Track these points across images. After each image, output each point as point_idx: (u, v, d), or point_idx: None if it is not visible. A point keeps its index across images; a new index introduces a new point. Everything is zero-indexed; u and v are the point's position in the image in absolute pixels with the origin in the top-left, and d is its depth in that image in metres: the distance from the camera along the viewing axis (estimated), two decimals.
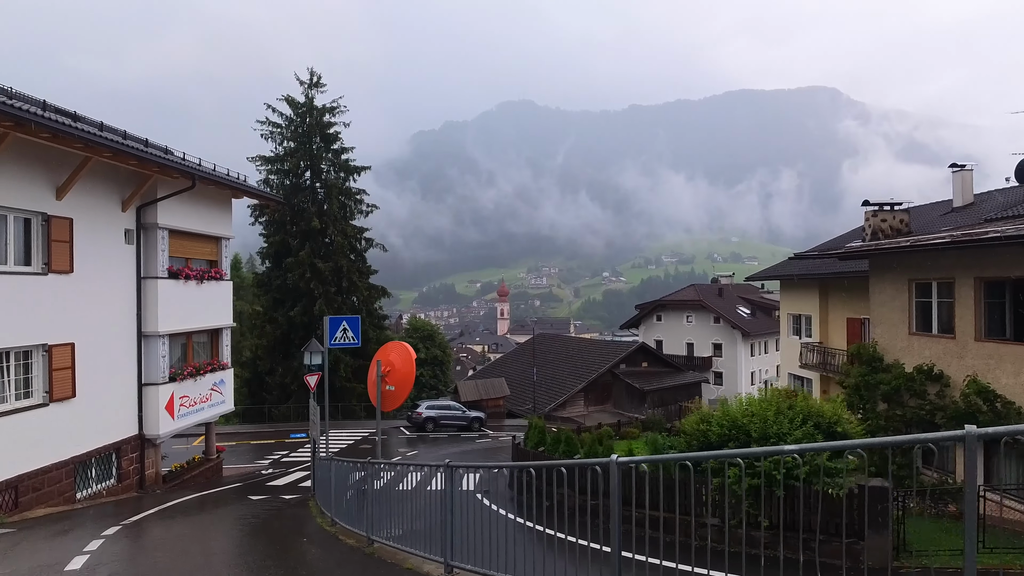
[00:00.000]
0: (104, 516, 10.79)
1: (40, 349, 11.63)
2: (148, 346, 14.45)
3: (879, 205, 23.13)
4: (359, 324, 11.05)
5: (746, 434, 9.20)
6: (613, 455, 4.06)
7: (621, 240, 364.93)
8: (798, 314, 26.35)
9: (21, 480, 10.94)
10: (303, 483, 16.95)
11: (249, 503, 12.47)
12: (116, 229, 13.75)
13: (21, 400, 11.24)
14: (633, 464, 4.19)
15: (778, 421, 9.08)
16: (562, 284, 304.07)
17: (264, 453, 24.23)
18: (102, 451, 13.17)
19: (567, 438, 13.95)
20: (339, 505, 8.09)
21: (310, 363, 14.07)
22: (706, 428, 9.84)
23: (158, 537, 8.32)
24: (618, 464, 4.00)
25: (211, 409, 16.69)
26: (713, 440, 9.52)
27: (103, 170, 13.01)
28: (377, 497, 6.30)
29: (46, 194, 11.66)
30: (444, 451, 26.36)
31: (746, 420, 9.30)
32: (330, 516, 8.51)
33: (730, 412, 9.66)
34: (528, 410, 42.28)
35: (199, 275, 15.98)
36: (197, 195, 15.97)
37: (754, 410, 9.48)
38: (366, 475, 6.22)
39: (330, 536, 7.59)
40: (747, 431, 9.20)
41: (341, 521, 7.93)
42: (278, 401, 36.92)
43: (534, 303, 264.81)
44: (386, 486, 6.37)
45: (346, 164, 40.15)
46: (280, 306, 37.88)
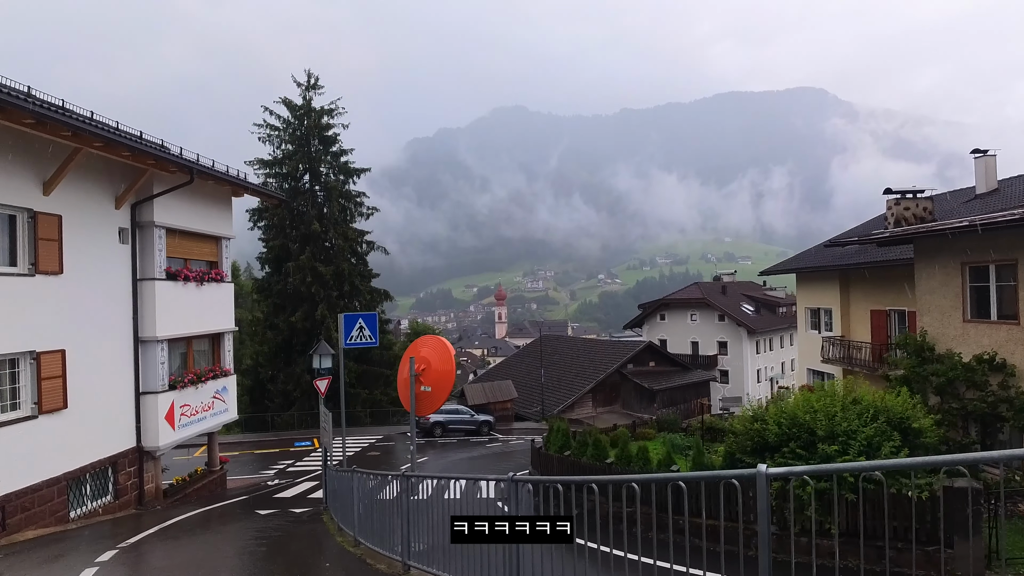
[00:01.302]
0: (100, 538, 9.87)
1: (27, 357, 10.72)
2: (146, 352, 13.54)
3: (901, 193, 22.37)
4: (376, 322, 10.18)
5: (809, 432, 8.35)
6: (761, 465, 3.12)
7: (616, 242, 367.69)
8: (816, 308, 25.55)
9: (8, 500, 10.01)
10: (312, 494, 16.05)
11: (258, 519, 11.57)
12: (110, 227, 12.86)
13: (7, 412, 10.33)
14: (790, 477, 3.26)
15: (846, 417, 8.24)
16: (558, 287, 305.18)
17: (269, 463, 23.29)
18: (97, 466, 12.25)
19: (595, 441, 13.07)
20: (364, 522, 7.20)
21: (319, 367, 13.17)
22: (761, 427, 8.98)
23: (159, 563, 7.41)
24: (769, 477, 3.08)
25: (213, 418, 15.78)
26: (771, 440, 8.67)
27: (94, 164, 12.14)
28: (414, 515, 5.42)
29: (32, 189, 10.78)
30: (455, 456, 25.47)
31: (808, 417, 8.46)
32: (352, 535, 7.62)
33: (788, 409, 8.80)
34: (536, 412, 41.40)
35: (199, 276, 15.09)
36: (196, 192, 15.10)
37: (816, 405, 8.63)
38: (402, 490, 5.37)
39: (355, 559, 6.71)
40: (810, 429, 8.36)
41: (366, 540, 7.05)
42: (280, 409, 35.99)
43: (531, 306, 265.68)
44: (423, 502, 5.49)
45: (345, 166, 39.36)
46: (281, 312, 36.99)
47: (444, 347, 6.14)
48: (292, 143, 38.57)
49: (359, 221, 40.12)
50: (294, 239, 37.32)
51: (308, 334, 36.23)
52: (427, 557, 5.39)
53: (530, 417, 41.14)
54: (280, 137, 38.87)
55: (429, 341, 6.40)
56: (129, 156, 11.98)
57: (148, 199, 13.50)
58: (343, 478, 8.79)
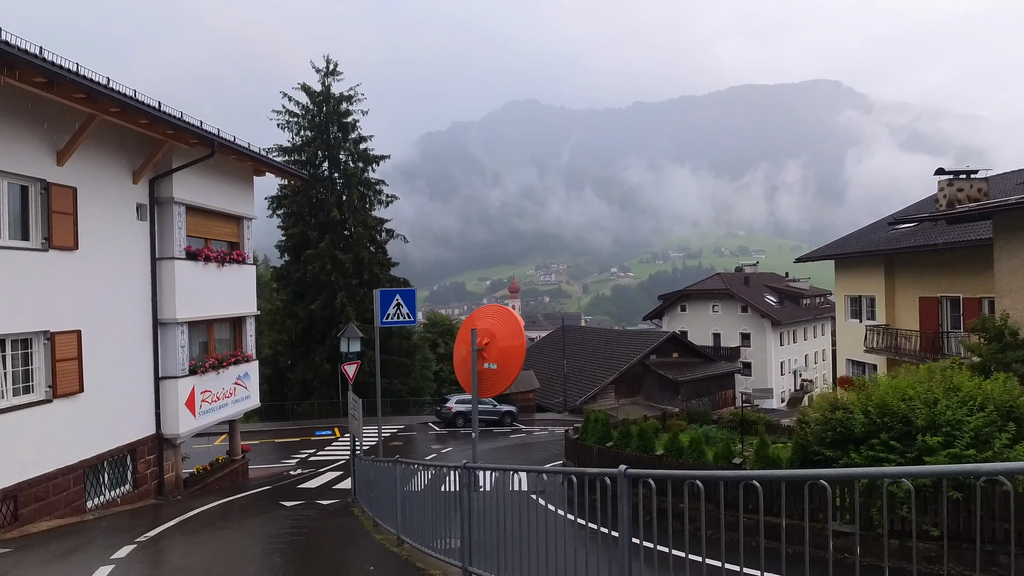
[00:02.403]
0: (117, 530, 9.22)
1: (41, 337, 10.07)
2: (165, 335, 12.89)
3: (954, 173, 21.15)
4: (415, 298, 9.35)
5: (904, 422, 7.43)
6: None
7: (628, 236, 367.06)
8: (857, 295, 24.37)
9: (21, 489, 9.39)
10: (337, 485, 15.39)
11: (284, 511, 10.87)
12: (127, 203, 12.18)
13: (20, 396, 9.69)
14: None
15: (949, 406, 7.30)
16: (570, 280, 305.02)
17: (290, 452, 22.74)
18: (115, 453, 11.63)
19: (640, 431, 12.20)
20: (409, 519, 6.37)
21: (348, 351, 12.42)
22: (844, 416, 8.06)
23: (179, 562, 6.67)
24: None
25: (235, 405, 15.14)
26: (857, 431, 7.75)
27: (110, 134, 11.44)
28: (479, 516, 4.58)
29: (45, 158, 10.09)
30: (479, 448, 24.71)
31: (903, 405, 7.53)
32: (393, 532, 6.85)
33: (876, 396, 7.86)
34: (558, 403, 40.65)
35: (220, 257, 14.41)
36: (216, 169, 14.41)
37: (910, 392, 7.69)
38: (464, 484, 4.55)
39: (401, 562, 5.90)
40: (905, 418, 7.43)
41: (411, 540, 6.25)
42: (300, 398, 35.59)
43: (543, 299, 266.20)
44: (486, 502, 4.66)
45: (365, 153, 38.66)
46: (300, 300, 36.53)
47: (511, 318, 5.19)
48: (311, 130, 37.95)
49: (378, 209, 39.49)
50: (313, 227, 36.79)
51: (327, 323, 35.78)
52: (491, 562, 4.57)
53: (552, 408, 40.39)
54: (299, 124, 38.28)
55: (492, 311, 5.45)
56: (147, 125, 11.27)
57: (167, 174, 12.81)
58: (381, 469, 8.01)
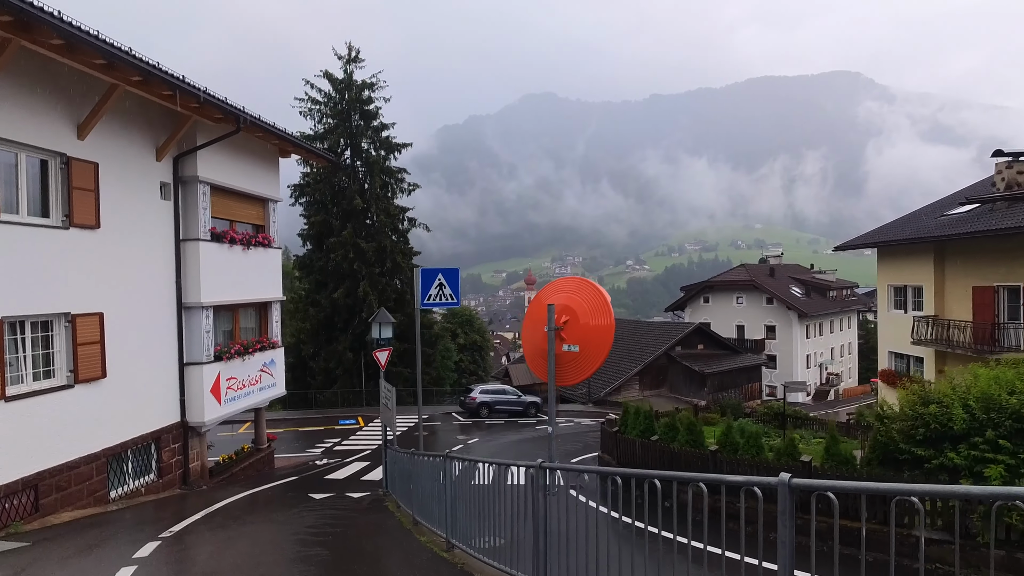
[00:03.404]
0: (141, 523, 8.72)
1: (62, 319, 9.59)
2: (190, 319, 12.39)
3: (1014, 155, 19.96)
4: (458, 278, 8.68)
5: (1015, 418, 6.61)
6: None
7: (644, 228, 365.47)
8: (902, 285, 23.25)
9: (42, 478, 8.93)
10: (366, 476, 14.87)
11: (314, 505, 10.32)
12: (151, 181, 11.65)
13: (40, 381, 9.22)
14: None
15: None
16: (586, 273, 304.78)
17: (314, 441, 22.33)
18: (139, 441, 11.17)
19: (689, 425, 11.43)
20: (461, 522, 5.65)
21: (379, 336, 11.80)
22: (938, 411, 7.24)
23: (207, 563, 6.06)
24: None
25: (261, 393, 14.65)
26: (958, 428, 6.94)
27: (133, 108, 10.90)
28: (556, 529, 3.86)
29: (65, 131, 9.56)
30: (505, 439, 24.18)
31: (1013, 400, 6.70)
32: (441, 535, 6.18)
33: (978, 388, 7.03)
34: (582, 395, 39.92)
35: (245, 240, 13.87)
36: (241, 148, 13.85)
37: (1019, 384, 6.85)
38: (538, 486, 3.85)
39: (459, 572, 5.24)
40: (1017, 414, 6.61)
41: (465, 546, 5.55)
42: (322, 386, 35.33)
43: None
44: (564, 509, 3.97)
45: (387, 141, 38.09)
46: (323, 288, 36.21)
47: (595, 292, 4.33)
48: (333, 117, 37.45)
49: (400, 197, 38.96)
50: (336, 215, 36.41)
51: (350, 311, 35.44)
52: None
53: (575, 399, 39.68)
54: (321, 111, 37.80)
55: (571, 284, 4.61)
56: (170, 97, 10.69)
57: (191, 151, 12.26)
58: (424, 463, 7.35)
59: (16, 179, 8.93)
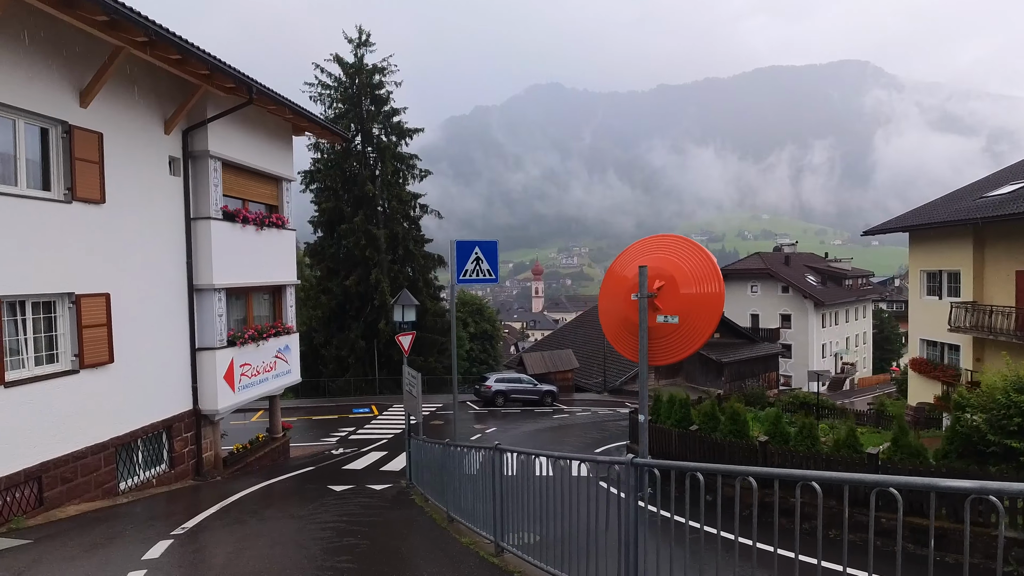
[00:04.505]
0: (151, 518, 8.11)
1: (66, 300, 8.95)
2: (201, 302, 11.75)
3: None
4: (497, 252, 7.93)
5: None
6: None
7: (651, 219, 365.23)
8: (936, 270, 22.32)
9: (46, 469, 8.33)
10: (384, 467, 14.27)
11: (336, 498, 9.68)
12: (159, 155, 10.97)
13: (43, 366, 8.60)
14: None
15: None
16: (592, 263, 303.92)
17: (328, 430, 21.78)
18: (149, 430, 10.56)
19: (732, 414, 10.71)
20: (515, 525, 4.95)
21: (402, 320, 11.12)
22: None
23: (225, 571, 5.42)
24: None
25: (276, 380, 14.03)
26: None
27: (139, 75, 10.21)
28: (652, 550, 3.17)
29: (67, 98, 8.87)
30: (522, 428, 23.54)
31: None
32: (487, 537, 5.47)
33: None
34: (597, 384, 39.27)
35: (258, 219, 13.19)
36: (254, 123, 13.15)
37: None
38: (630, 486, 3.17)
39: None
40: None
41: (524, 553, 4.82)
42: (334, 375, 34.82)
43: (565, 282, 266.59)
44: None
45: (398, 126, 37.32)
46: (334, 276, 35.63)
47: (698, 253, 3.55)
48: (344, 102, 36.66)
49: (412, 184, 38.23)
50: (347, 202, 35.76)
51: (362, 299, 34.88)
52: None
53: (590, 388, 39.03)
54: (332, 96, 37.01)
55: (667, 242, 3.72)
56: (178, 63, 9.99)
57: (201, 124, 11.57)
58: (462, 457, 6.62)
59: (15, 148, 8.27)
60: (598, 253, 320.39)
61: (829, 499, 8.16)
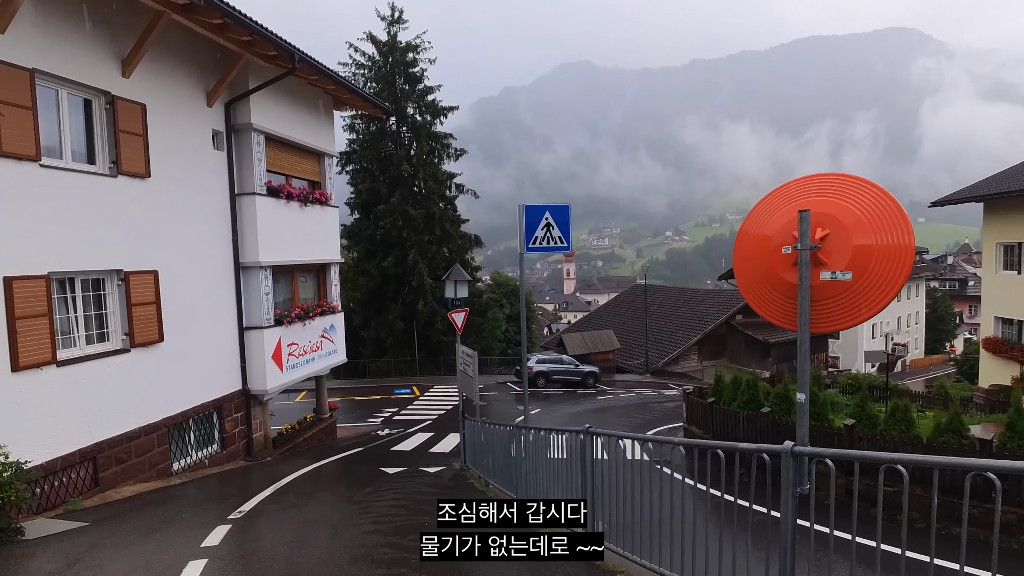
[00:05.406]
0: (206, 501, 7.85)
1: (114, 277, 8.69)
2: (248, 280, 11.46)
3: None
4: (568, 217, 7.29)
5: None
6: None
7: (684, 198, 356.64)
8: (1016, 242, 20.80)
9: (100, 449, 8.13)
10: (432, 448, 13.94)
11: (391, 482, 9.33)
12: (202, 128, 10.63)
13: (94, 344, 8.37)
14: None
15: None
16: (624, 244, 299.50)
17: (372, 411, 21.65)
18: (200, 410, 10.36)
19: (811, 396, 9.93)
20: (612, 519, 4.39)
21: (455, 296, 10.63)
22: None
23: (291, 563, 5.00)
24: None
25: (322, 360, 13.77)
26: None
27: (180, 43, 9.82)
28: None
29: (109, 67, 8.52)
30: (565, 410, 23.05)
31: None
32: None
33: None
34: (638, 365, 38.53)
35: (302, 196, 12.83)
36: (294, 96, 12.73)
37: None
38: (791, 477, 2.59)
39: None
40: None
41: (625, 550, 4.27)
42: (373, 356, 34.88)
43: (596, 263, 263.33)
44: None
45: (433, 105, 36.73)
46: (372, 257, 35.53)
47: (878, 196, 2.86)
48: (377, 82, 36.16)
49: (447, 163, 37.68)
50: (383, 182, 35.46)
51: (399, 280, 34.72)
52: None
53: (632, 369, 38.30)
54: (365, 76, 36.54)
55: (832, 183, 3.04)
56: (219, 29, 9.56)
57: (243, 96, 11.18)
58: (540, 441, 6.05)
59: (59, 121, 7.96)
60: (629, 234, 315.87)
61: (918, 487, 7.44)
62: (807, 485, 2.87)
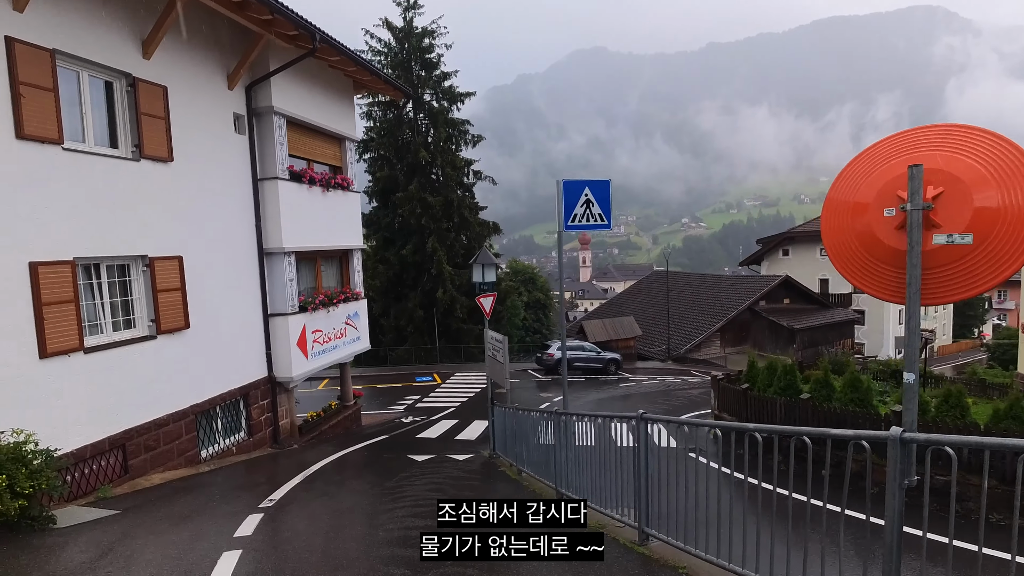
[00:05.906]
0: (236, 488, 7.73)
1: (139, 263, 8.56)
2: (272, 266, 11.31)
3: None
4: (609, 194, 6.98)
5: None
6: None
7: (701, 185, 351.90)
8: None
9: (129, 437, 8.04)
10: (458, 436, 13.78)
11: (420, 469, 9.16)
12: (223, 111, 10.44)
13: (120, 331, 8.26)
14: None
15: None
16: (640, 232, 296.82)
17: (395, 398, 21.59)
18: (227, 397, 10.26)
19: (852, 382, 9.56)
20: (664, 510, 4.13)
21: (483, 280, 10.39)
22: None
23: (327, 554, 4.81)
24: None
25: (346, 347, 13.63)
26: None
27: (200, 24, 9.61)
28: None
29: (129, 48, 8.33)
30: (588, 397, 22.78)
31: None
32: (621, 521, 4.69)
33: None
34: (660, 352, 38.10)
35: (324, 180, 12.62)
36: (315, 79, 12.48)
37: None
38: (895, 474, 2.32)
39: None
40: None
41: (688, 545, 4.00)
42: (393, 344, 34.86)
43: (612, 251, 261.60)
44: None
45: (450, 91, 36.37)
46: (391, 245, 35.44)
47: (1003, 147, 2.49)
48: (394, 68, 35.83)
49: (465, 149, 37.34)
50: (401, 170, 35.26)
51: (418, 268, 34.61)
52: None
53: (653, 356, 37.89)
54: (381, 62, 36.18)
55: (945, 135, 2.65)
56: (238, 7, 9.31)
57: (264, 78, 10.96)
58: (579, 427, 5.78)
59: (80, 102, 7.79)
60: (645, 221, 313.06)
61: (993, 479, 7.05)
62: (915, 477, 2.57)
